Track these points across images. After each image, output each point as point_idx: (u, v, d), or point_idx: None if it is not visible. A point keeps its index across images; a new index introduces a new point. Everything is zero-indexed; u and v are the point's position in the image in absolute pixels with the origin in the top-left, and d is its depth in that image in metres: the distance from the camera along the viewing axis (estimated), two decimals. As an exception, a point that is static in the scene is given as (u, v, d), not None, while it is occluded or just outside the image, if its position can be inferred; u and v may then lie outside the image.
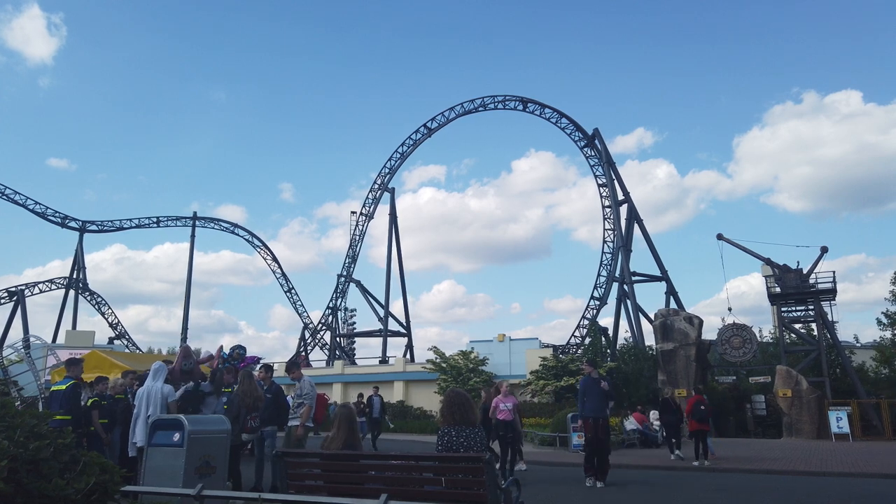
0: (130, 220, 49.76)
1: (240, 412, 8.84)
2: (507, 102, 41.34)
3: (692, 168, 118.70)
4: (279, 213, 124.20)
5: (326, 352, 45.33)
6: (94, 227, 48.82)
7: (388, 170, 44.31)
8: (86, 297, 47.97)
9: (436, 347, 33.77)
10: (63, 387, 9.23)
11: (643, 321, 33.99)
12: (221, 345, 13.36)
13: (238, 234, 51.43)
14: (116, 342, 45.73)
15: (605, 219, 38.44)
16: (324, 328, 46.43)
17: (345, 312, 46.96)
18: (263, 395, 9.61)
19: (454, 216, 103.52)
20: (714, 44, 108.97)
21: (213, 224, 51.17)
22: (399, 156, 44.07)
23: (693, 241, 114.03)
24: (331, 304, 45.39)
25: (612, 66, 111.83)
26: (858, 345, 37.13)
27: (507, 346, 34.32)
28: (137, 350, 44.03)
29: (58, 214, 47.44)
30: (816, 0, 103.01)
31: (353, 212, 46.00)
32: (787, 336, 31.83)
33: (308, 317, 49.24)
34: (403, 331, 44.40)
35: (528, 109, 40.79)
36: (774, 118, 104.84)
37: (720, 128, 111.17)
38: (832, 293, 30.32)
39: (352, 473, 5.28)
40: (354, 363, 43.07)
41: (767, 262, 32.05)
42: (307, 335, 47.97)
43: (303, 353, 45.75)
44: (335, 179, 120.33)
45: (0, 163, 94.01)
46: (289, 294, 50.03)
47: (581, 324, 37.15)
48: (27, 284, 46.29)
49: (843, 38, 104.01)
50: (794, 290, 30.36)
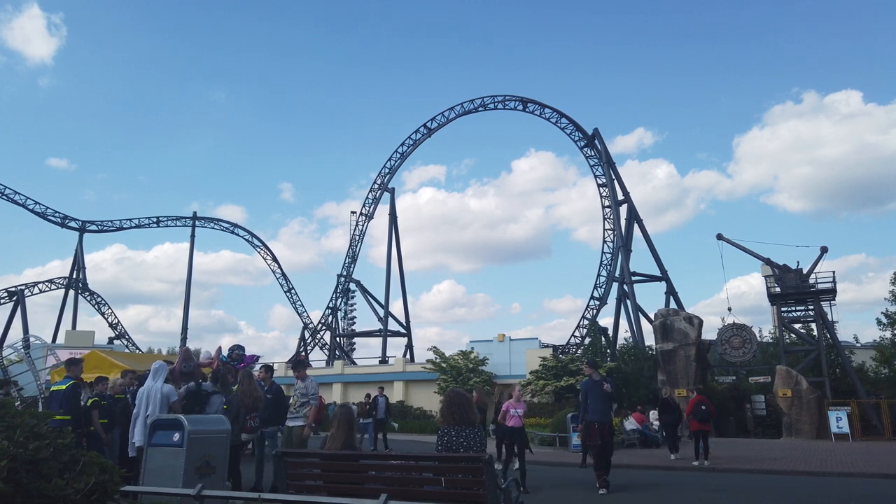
0: (130, 220, 49.85)
1: (239, 412, 8.84)
2: (507, 102, 41.38)
3: (692, 168, 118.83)
4: (279, 213, 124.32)
5: (326, 352, 45.36)
6: (94, 227, 48.83)
7: (388, 170, 44.38)
8: (86, 297, 47.99)
9: (436, 347, 33.86)
10: (63, 387, 9.22)
11: (643, 321, 34.05)
12: (220, 346, 13.37)
13: (238, 234, 51.52)
14: (116, 342, 45.73)
15: (605, 219, 38.48)
16: (323, 328, 46.46)
17: (345, 312, 47.00)
18: (263, 396, 9.61)
19: (454, 216, 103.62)
20: (714, 44, 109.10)
21: (213, 224, 51.22)
22: (399, 156, 44.12)
23: (693, 241, 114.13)
24: (331, 304, 45.45)
25: (612, 66, 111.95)
26: (858, 345, 37.13)
27: (507, 346, 34.33)
28: (137, 350, 44.05)
29: (58, 214, 47.48)
30: (816, 0, 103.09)
31: (353, 212, 46.15)
32: (787, 336, 31.83)
33: (308, 317, 49.35)
34: (403, 331, 44.44)
35: (528, 109, 40.82)
36: (774, 118, 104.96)
37: (720, 128, 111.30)
38: (832, 293, 30.33)
39: (352, 473, 5.29)
40: (354, 363, 43.08)
41: (767, 262, 32.05)
42: (307, 335, 48.00)
43: (302, 353, 45.75)
44: (335, 179, 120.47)
45: (0, 163, 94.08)
46: (289, 294, 50.12)
47: (581, 324, 37.19)
48: (27, 284, 46.33)
49: (843, 38, 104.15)
50: (794, 290, 30.37)
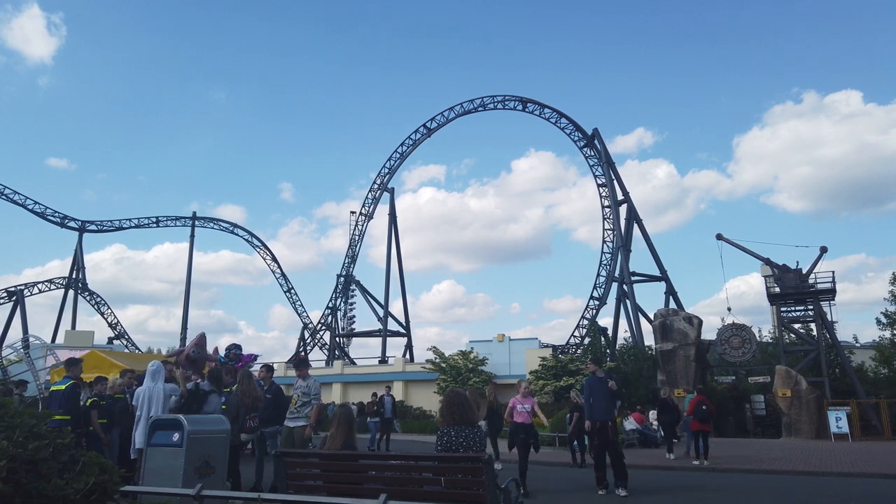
0: (130, 220, 49.82)
1: (239, 412, 8.85)
2: (507, 102, 41.39)
3: (692, 168, 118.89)
4: (279, 213, 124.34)
5: (326, 352, 45.35)
6: (94, 227, 48.81)
7: (388, 170, 44.39)
8: (85, 297, 47.97)
9: (435, 347, 33.89)
10: (62, 387, 9.23)
11: (643, 321, 34.08)
12: (217, 346, 13.39)
13: (238, 234, 51.53)
14: (116, 342, 45.73)
15: (605, 219, 38.49)
16: (323, 328, 46.45)
17: (344, 312, 46.98)
18: (263, 396, 9.60)
19: (454, 216, 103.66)
20: (714, 44, 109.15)
21: (213, 224, 51.22)
22: (399, 156, 44.13)
23: (693, 241, 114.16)
24: (330, 304, 45.45)
25: (612, 66, 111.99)
26: (858, 345, 37.14)
27: (507, 346, 34.33)
28: (137, 350, 44.03)
29: (57, 214, 47.46)
30: (816, 0, 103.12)
31: (353, 212, 46.14)
32: (787, 336, 31.83)
33: (308, 317, 49.35)
34: (403, 331, 44.45)
35: (528, 109, 40.83)
36: (774, 118, 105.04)
37: (720, 128, 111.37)
38: (831, 293, 30.33)
39: (351, 473, 5.29)
40: (353, 363, 43.08)
41: (767, 262, 32.05)
42: (306, 335, 48.00)
43: (302, 353, 45.74)
44: (335, 179, 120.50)
45: (0, 162, 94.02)
46: (288, 294, 50.12)
47: (580, 324, 37.20)
48: (26, 284, 46.28)
49: (843, 38, 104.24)
50: (794, 290, 30.38)
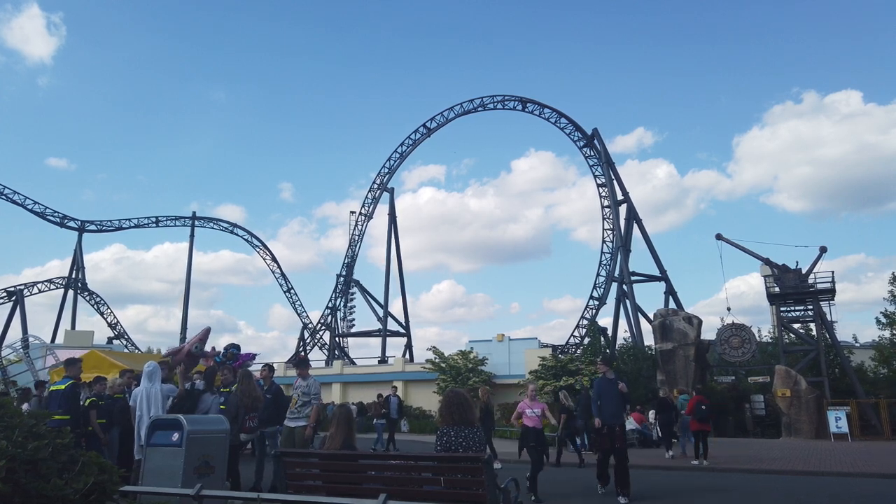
0: (129, 220, 49.80)
1: (238, 412, 8.85)
2: (507, 102, 41.39)
3: (692, 168, 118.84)
4: (278, 213, 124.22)
5: (326, 352, 45.34)
6: (93, 227, 48.79)
7: (388, 170, 44.39)
8: (85, 297, 47.95)
9: (435, 347, 33.82)
10: (62, 387, 9.23)
11: (642, 321, 34.06)
12: (214, 346, 13.40)
13: (237, 234, 51.50)
14: (115, 342, 45.70)
15: (605, 219, 38.49)
16: (323, 328, 46.44)
17: (344, 312, 46.98)
18: (262, 396, 9.60)
19: (454, 216, 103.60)
20: (714, 44, 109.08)
21: (213, 224, 51.21)
22: (398, 156, 44.13)
23: (692, 241, 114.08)
24: (330, 304, 45.44)
25: (612, 66, 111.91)
26: (857, 345, 37.12)
27: (507, 346, 34.30)
28: (136, 350, 44.00)
29: (57, 214, 47.43)
30: (816, 0, 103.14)
31: (353, 212, 46.14)
32: (786, 336, 31.82)
33: (307, 317, 49.33)
34: (403, 331, 44.44)
35: (528, 109, 40.83)
36: (774, 118, 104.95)
37: (720, 128, 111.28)
38: (831, 293, 30.34)
39: (351, 473, 5.29)
40: (353, 363, 43.07)
41: (766, 262, 32.04)
42: (306, 335, 47.99)
43: (302, 353, 45.73)
44: (335, 179, 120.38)
45: (0, 162, 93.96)
46: (288, 294, 50.09)
47: (580, 324, 37.18)
48: (26, 284, 46.25)
49: (843, 38, 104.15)
50: (793, 290, 30.38)
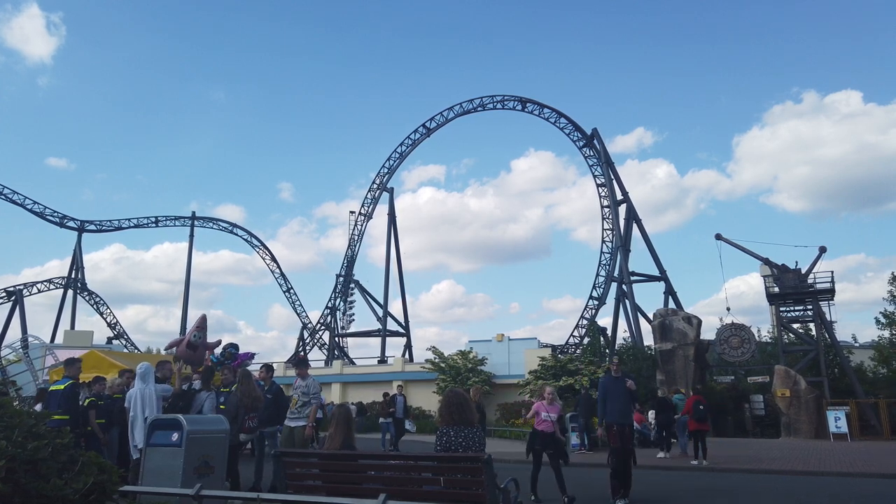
0: (129, 220, 49.76)
1: (238, 412, 8.84)
2: (506, 102, 41.38)
3: (692, 168, 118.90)
4: (278, 213, 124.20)
5: (325, 352, 45.33)
6: (93, 227, 48.76)
7: (387, 169, 44.39)
8: (84, 297, 47.92)
9: (434, 347, 33.80)
10: (61, 387, 9.22)
11: (642, 321, 34.07)
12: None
13: (237, 234, 51.47)
14: (115, 342, 45.67)
15: (604, 219, 38.50)
16: (322, 328, 46.43)
17: (343, 312, 46.97)
18: (262, 396, 9.60)
19: (453, 216, 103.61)
20: (714, 44, 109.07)
21: (212, 224, 51.17)
22: (398, 156, 44.12)
23: (692, 241, 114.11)
24: (329, 304, 45.43)
25: (612, 66, 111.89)
26: (857, 344, 37.12)
27: (506, 346, 34.29)
28: (136, 350, 43.99)
29: (56, 214, 47.40)
30: (816, 0, 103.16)
31: (352, 211, 46.14)
32: (786, 336, 31.81)
33: (307, 317, 49.31)
34: (402, 330, 44.42)
35: (527, 109, 40.82)
36: (774, 118, 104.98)
37: (720, 128, 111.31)
38: (830, 293, 30.33)
39: (350, 473, 5.29)
40: (353, 363, 43.07)
41: (766, 262, 32.03)
42: (306, 335, 47.96)
43: (301, 353, 45.71)
44: (334, 179, 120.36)
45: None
46: (287, 294, 50.04)
47: (580, 324, 37.19)
48: (25, 284, 46.24)
49: (843, 38, 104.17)
50: (793, 290, 30.37)
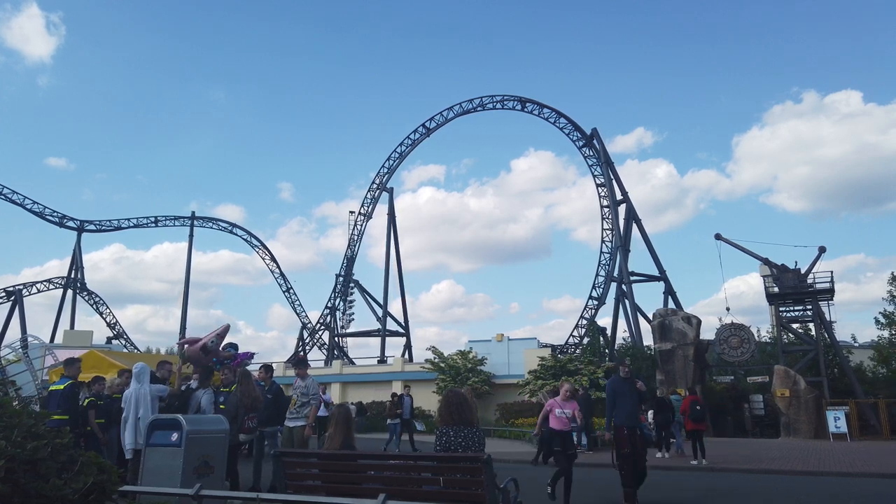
0: (129, 220, 49.70)
1: (238, 412, 8.84)
2: (506, 102, 41.37)
3: (691, 168, 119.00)
4: (278, 213, 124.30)
5: (325, 352, 45.31)
6: (93, 227, 48.71)
7: (387, 169, 44.39)
8: (84, 297, 47.88)
9: (434, 347, 33.80)
10: (61, 387, 9.22)
11: (641, 321, 34.09)
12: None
13: (236, 234, 51.41)
14: (114, 342, 45.65)
15: (604, 218, 38.50)
16: (322, 328, 46.41)
17: (343, 312, 46.95)
18: (261, 396, 9.62)
19: (453, 216, 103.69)
20: (714, 44, 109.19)
21: (212, 224, 51.13)
22: (398, 155, 44.11)
23: (692, 241, 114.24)
24: (329, 304, 45.41)
25: (612, 66, 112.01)
26: (856, 344, 37.14)
27: (506, 346, 34.29)
28: (136, 350, 43.97)
29: (56, 214, 47.36)
30: (816, 0, 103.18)
31: (352, 211, 46.13)
32: (785, 336, 31.82)
33: (306, 316, 49.27)
34: (402, 330, 44.41)
35: (527, 109, 40.81)
36: (774, 118, 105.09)
37: (720, 128, 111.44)
38: (830, 293, 30.34)
39: (350, 473, 5.29)
40: (352, 363, 43.05)
41: (765, 262, 32.04)
42: (305, 335, 47.94)
43: (301, 353, 45.69)
44: (334, 179, 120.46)
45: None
46: (287, 294, 49.99)
47: (579, 324, 37.19)
48: (25, 284, 46.19)
49: (843, 38, 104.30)
50: (792, 290, 30.37)
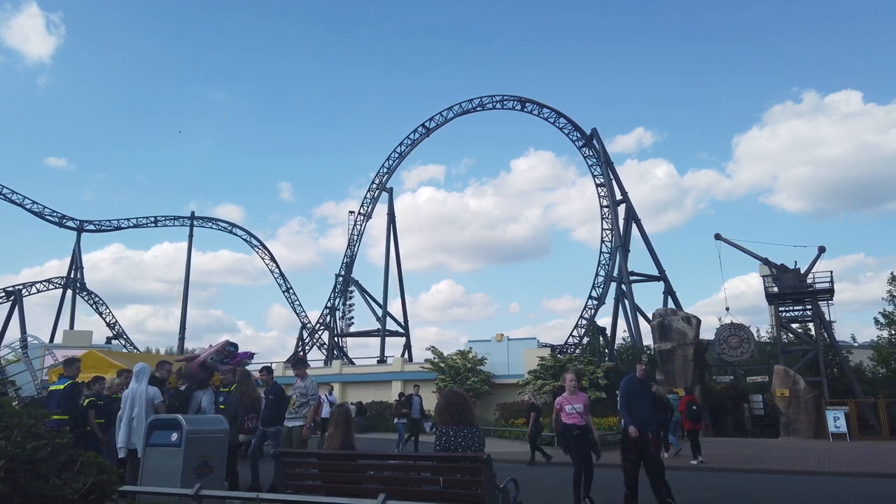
0: (128, 220, 49.67)
1: (238, 412, 8.85)
2: (506, 102, 41.38)
3: (691, 168, 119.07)
4: (278, 213, 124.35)
5: (324, 352, 45.31)
6: (92, 227, 48.68)
7: (387, 169, 44.39)
8: (83, 297, 47.87)
9: (434, 347, 33.81)
10: (61, 387, 9.22)
11: (641, 321, 34.11)
12: (210, 344, 13.41)
13: (236, 234, 51.39)
14: (114, 342, 45.63)
15: (604, 218, 38.51)
16: (322, 328, 46.40)
17: (343, 312, 46.95)
18: (261, 396, 9.63)
19: (453, 216, 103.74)
20: (714, 44, 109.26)
21: (212, 224, 51.11)
22: (397, 155, 44.11)
23: (692, 241, 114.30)
24: (329, 304, 45.41)
25: (612, 66, 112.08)
26: (856, 344, 37.15)
27: (506, 346, 34.29)
28: (135, 350, 43.95)
29: (55, 214, 47.33)
30: (816, 0, 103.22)
31: (352, 211, 46.14)
32: (785, 336, 31.82)
33: (306, 316, 49.27)
34: (402, 330, 44.41)
35: (527, 109, 40.82)
36: (774, 118, 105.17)
37: (720, 127, 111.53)
38: (829, 293, 30.34)
39: (350, 473, 5.29)
40: (352, 363, 43.05)
41: (765, 262, 32.04)
42: (305, 335, 47.93)
43: (301, 353, 45.68)
44: (334, 179, 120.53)
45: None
46: (287, 294, 49.98)
47: (579, 323, 37.18)
48: (25, 284, 46.16)
49: (843, 38, 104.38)
50: (792, 290, 30.38)
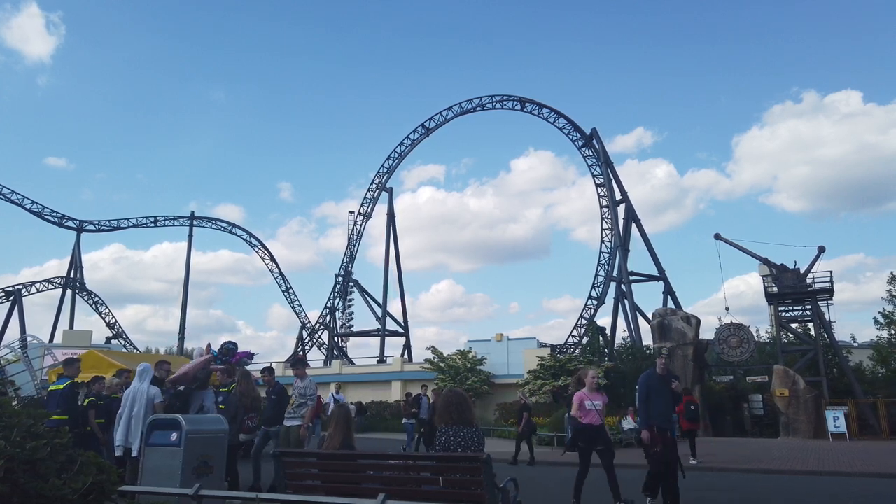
0: (128, 220, 49.63)
1: (237, 412, 8.84)
2: (506, 102, 41.39)
3: (691, 168, 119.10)
4: (277, 213, 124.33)
5: (324, 351, 45.30)
6: (92, 227, 48.65)
7: (387, 169, 44.39)
8: (83, 297, 47.85)
9: (434, 347, 33.83)
10: (60, 386, 9.21)
11: (641, 321, 34.10)
12: (209, 343, 13.37)
13: (236, 234, 51.38)
14: (114, 342, 45.61)
15: (603, 218, 38.51)
16: (321, 328, 46.40)
17: (343, 312, 46.94)
18: (261, 396, 9.63)
19: (453, 216, 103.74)
20: (714, 44, 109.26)
21: (211, 224, 51.09)
22: (397, 155, 44.12)
23: (691, 241, 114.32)
24: (328, 304, 45.41)
25: (612, 66, 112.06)
26: (855, 344, 37.16)
27: (505, 346, 34.30)
28: (135, 350, 43.94)
29: (55, 214, 47.30)
30: (816, 0, 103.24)
31: (352, 211, 46.15)
32: (785, 336, 31.82)
33: (306, 316, 49.26)
34: (401, 330, 44.41)
35: (527, 109, 40.83)
36: (774, 118, 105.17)
37: (720, 127, 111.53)
38: (829, 293, 30.35)
39: (350, 473, 5.29)
40: (352, 363, 43.04)
41: (765, 262, 32.05)
42: (305, 335, 47.92)
43: (300, 353, 45.68)
44: (334, 179, 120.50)
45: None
46: (287, 294, 49.97)
47: (579, 323, 37.19)
48: (24, 284, 46.16)
49: (843, 38, 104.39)
50: (792, 290, 30.38)
